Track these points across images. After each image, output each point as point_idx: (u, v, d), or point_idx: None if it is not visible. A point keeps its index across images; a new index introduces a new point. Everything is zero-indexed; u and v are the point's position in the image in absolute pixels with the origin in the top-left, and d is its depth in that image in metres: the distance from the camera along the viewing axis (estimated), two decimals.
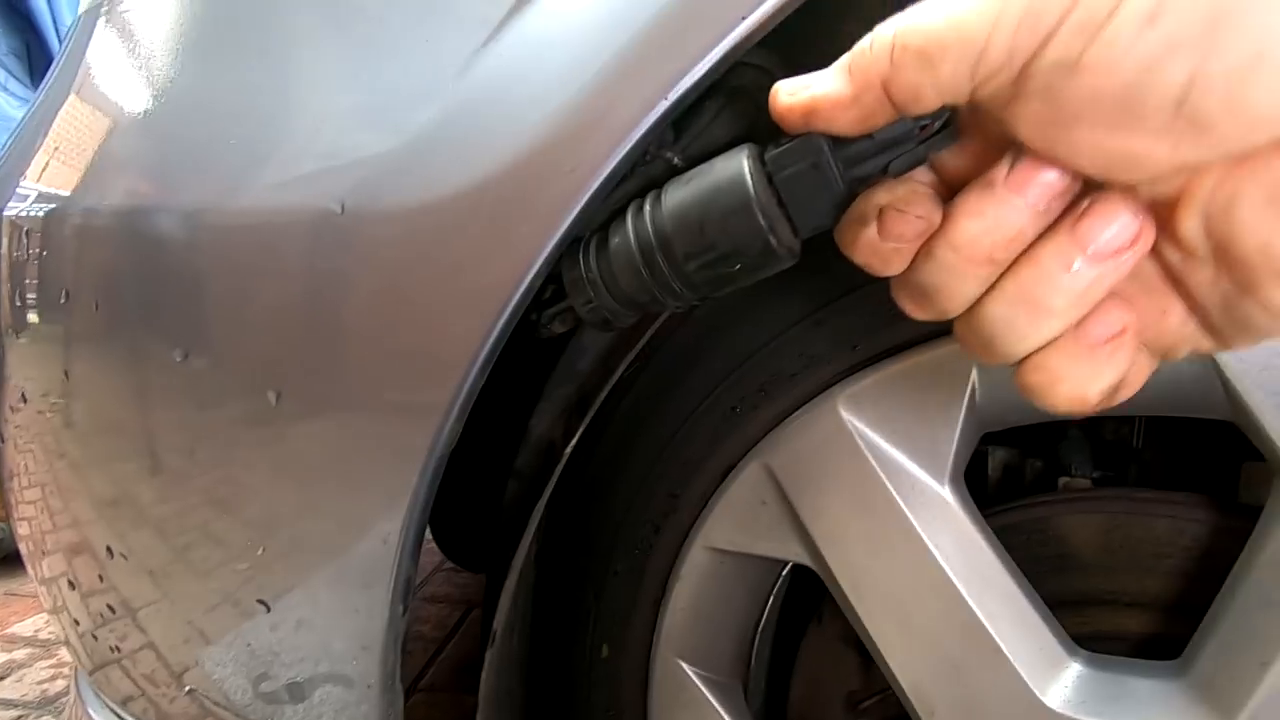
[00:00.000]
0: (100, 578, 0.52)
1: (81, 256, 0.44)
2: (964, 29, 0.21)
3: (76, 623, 0.58)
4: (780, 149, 0.27)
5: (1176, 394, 0.37)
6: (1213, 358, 0.35)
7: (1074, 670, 0.40)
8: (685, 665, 0.53)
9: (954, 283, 0.24)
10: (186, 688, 0.56)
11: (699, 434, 0.49)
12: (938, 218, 0.24)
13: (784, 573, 0.55)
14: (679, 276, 0.29)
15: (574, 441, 0.42)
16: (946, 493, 0.43)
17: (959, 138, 0.25)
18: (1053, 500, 0.48)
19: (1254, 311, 0.22)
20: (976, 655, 0.40)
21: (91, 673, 0.61)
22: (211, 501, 0.46)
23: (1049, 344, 0.24)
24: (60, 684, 1.20)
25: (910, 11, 0.23)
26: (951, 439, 0.42)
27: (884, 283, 0.43)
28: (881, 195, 0.25)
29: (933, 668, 0.42)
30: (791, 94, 0.26)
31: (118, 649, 0.59)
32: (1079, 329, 0.23)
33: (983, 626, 0.40)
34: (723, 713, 0.53)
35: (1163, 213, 0.22)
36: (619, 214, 0.32)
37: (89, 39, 0.46)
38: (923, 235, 0.25)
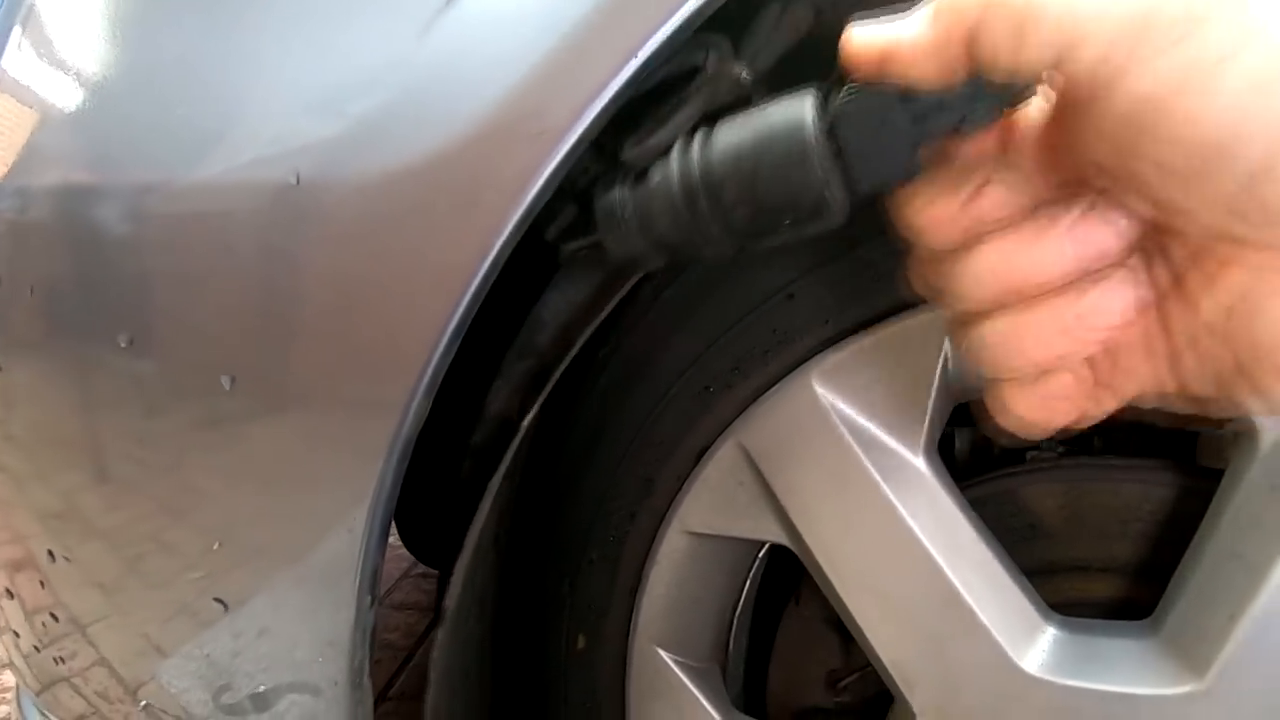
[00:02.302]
0: (42, 583, 0.49)
1: (15, 240, 0.41)
2: (1069, 16, 0.20)
3: (18, 636, 0.55)
4: (846, 98, 0.25)
5: None
6: None
7: (1049, 635, 0.40)
8: (663, 653, 0.53)
9: (972, 287, 0.24)
10: (142, 703, 0.53)
11: (672, 415, 0.49)
12: (1025, 216, 0.23)
13: (761, 554, 0.55)
14: (721, 223, 0.27)
15: (531, 415, 0.41)
16: (921, 464, 0.43)
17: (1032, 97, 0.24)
18: (1020, 472, 0.49)
19: (1242, 392, 0.22)
20: (955, 625, 0.40)
21: (39, 693, 0.58)
22: (163, 504, 0.44)
23: (1010, 380, 0.24)
24: (2, 710, 1.14)
25: None
26: (925, 410, 0.42)
27: (854, 255, 0.43)
28: (994, 171, 0.24)
29: (912, 640, 0.42)
30: (868, 37, 0.24)
31: (65, 664, 0.56)
32: (1036, 381, 0.24)
33: (960, 596, 0.40)
34: (702, 699, 0.52)
35: (1190, 281, 0.22)
36: (664, 152, 0.29)
37: (22, 8, 0.44)
38: (1001, 223, 0.23)
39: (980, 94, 0.23)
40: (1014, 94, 0.23)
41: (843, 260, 0.42)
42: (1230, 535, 0.35)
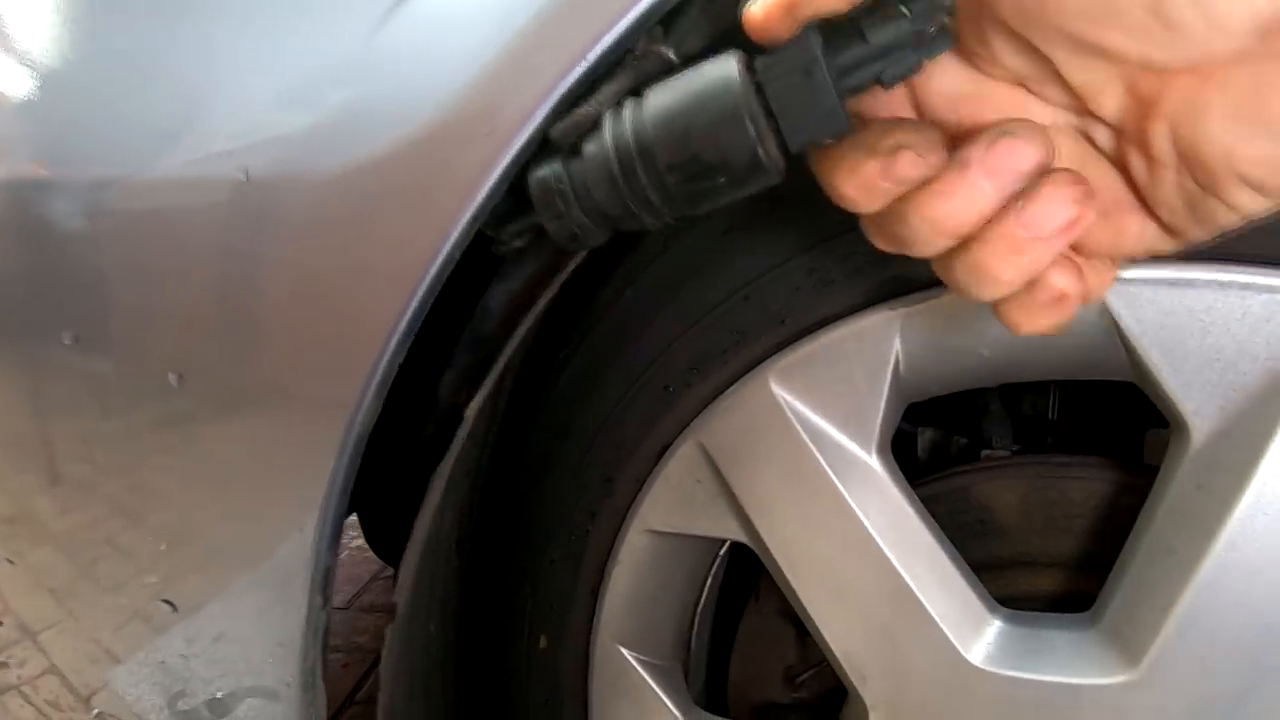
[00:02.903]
0: None
1: None
2: None
3: None
4: (771, 55, 0.25)
5: (1081, 357, 0.39)
6: (1114, 322, 0.36)
7: (995, 627, 0.41)
8: (625, 651, 0.53)
9: (921, 243, 0.25)
10: (95, 711, 0.52)
11: (633, 415, 0.49)
12: (943, 166, 0.24)
13: (721, 552, 0.55)
14: (658, 188, 0.27)
15: (476, 403, 0.41)
16: (874, 462, 0.43)
17: (955, 43, 0.25)
18: (973, 470, 0.50)
19: (1217, 209, 0.23)
20: (905, 619, 0.41)
21: None
22: (116, 507, 0.43)
23: (1006, 299, 0.26)
24: None
25: None
26: (878, 409, 0.43)
27: (809, 255, 0.44)
28: (902, 134, 0.25)
29: (864, 634, 0.43)
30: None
31: (15, 672, 0.54)
32: (1028, 292, 0.25)
33: (910, 590, 0.41)
34: (664, 697, 0.52)
35: (1132, 126, 0.23)
36: (593, 127, 0.29)
37: None
38: (922, 180, 0.25)
39: (899, 43, 0.24)
40: (929, 40, 0.24)
41: (797, 262, 0.43)
42: (1163, 530, 0.36)
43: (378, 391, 0.34)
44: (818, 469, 0.43)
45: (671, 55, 0.30)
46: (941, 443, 0.64)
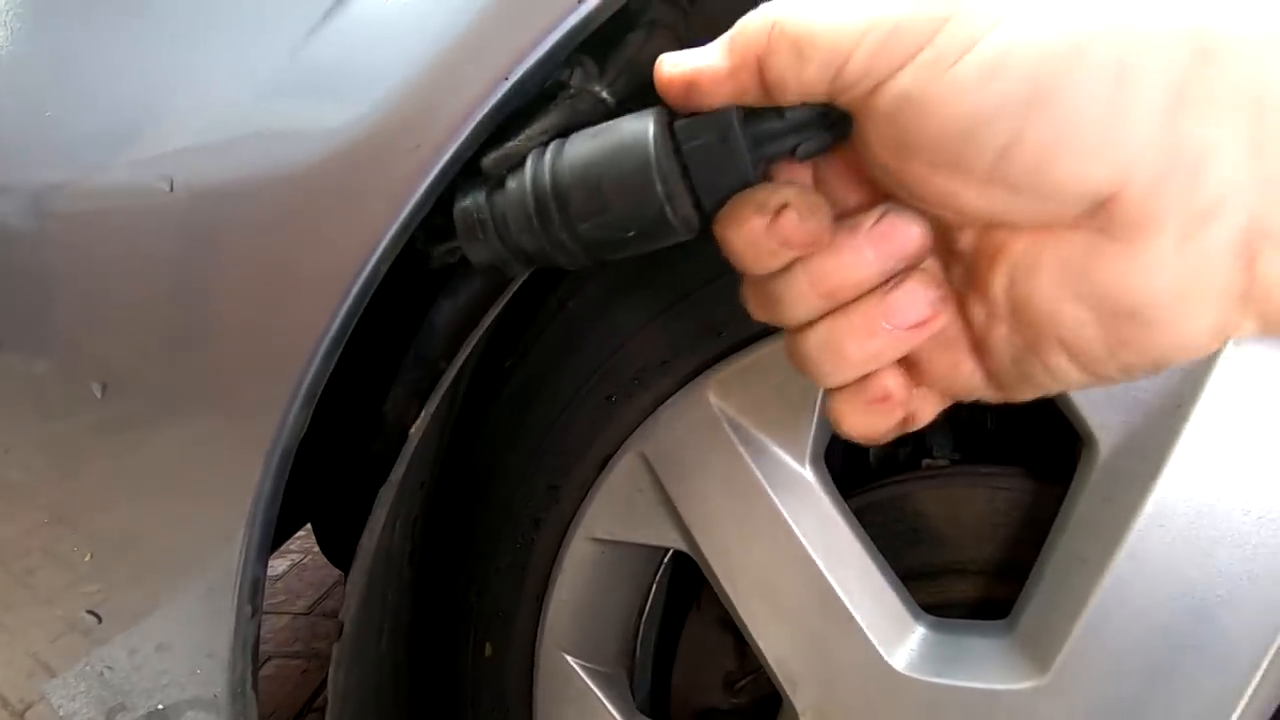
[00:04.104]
0: None
1: None
2: (835, 36, 0.22)
3: None
4: (690, 119, 0.26)
5: None
6: None
7: (919, 634, 0.42)
8: (570, 658, 0.53)
9: (795, 303, 0.26)
10: None
11: (577, 424, 0.50)
12: (827, 239, 0.25)
13: (664, 560, 0.56)
14: (571, 234, 0.28)
15: (421, 421, 0.41)
16: (807, 473, 0.44)
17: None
18: (907, 479, 0.51)
19: (1036, 370, 0.24)
20: (833, 626, 0.42)
21: None
22: (48, 515, 0.43)
23: (839, 388, 0.27)
24: None
25: (798, 1, 0.24)
26: (811, 420, 0.44)
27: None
28: (788, 193, 0.25)
29: (795, 641, 0.44)
30: (674, 65, 0.26)
31: None
32: (859, 387, 0.26)
33: (838, 598, 0.42)
34: (608, 704, 0.53)
35: (978, 270, 0.25)
36: (520, 161, 0.29)
37: None
38: (804, 248, 0.25)
39: (811, 123, 0.25)
40: (840, 125, 0.25)
41: (735, 275, 0.44)
42: (1073, 540, 0.38)
43: (306, 401, 0.34)
44: (752, 479, 0.44)
45: (605, 95, 0.30)
46: (890, 452, 0.66)
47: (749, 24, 0.24)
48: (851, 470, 0.60)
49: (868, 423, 0.27)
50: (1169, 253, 0.20)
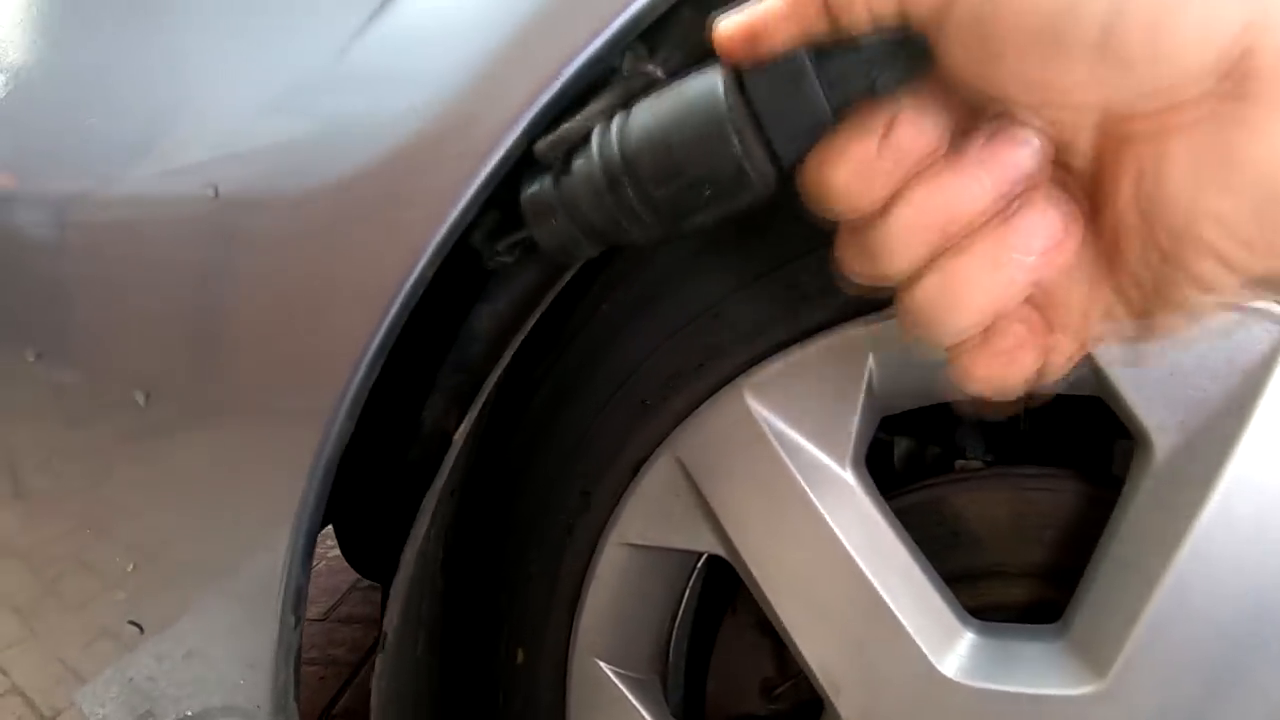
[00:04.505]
0: None
1: None
2: None
3: None
4: (759, 69, 0.25)
5: None
6: None
7: (968, 639, 0.41)
8: (603, 664, 0.53)
9: (901, 245, 0.23)
10: None
11: (610, 429, 0.49)
12: (944, 146, 0.23)
13: (699, 565, 0.55)
14: (645, 202, 0.27)
15: (463, 428, 0.41)
16: (849, 475, 0.44)
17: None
18: (945, 482, 0.50)
19: (1181, 284, 0.21)
20: (878, 631, 0.42)
21: None
22: (81, 523, 0.42)
23: (964, 343, 0.24)
24: None
25: None
26: (852, 422, 0.43)
27: (783, 271, 0.44)
28: (895, 105, 0.23)
29: (838, 646, 0.43)
30: (731, 21, 0.24)
31: None
32: (985, 338, 0.24)
33: (884, 603, 0.42)
34: (642, 710, 0.52)
35: (1101, 181, 0.22)
36: (575, 145, 0.28)
37: None
38: (922, 162, 0.23)
39: (889, 54, 0.23)
40: (920, 54, 0.23)
41: (772, 278, 0.44)
42: (1128, 543, 0.37)
43: (350, 410, 0.33)
44: (792, 483, 0.43)
45: (659, 73, 0.29)
46: (916, 453, 0.65)
47: None
48: (877, 473, 0.59)
49: (1001, 373, 0.24)
50: None
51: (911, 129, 0.23)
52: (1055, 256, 0.22)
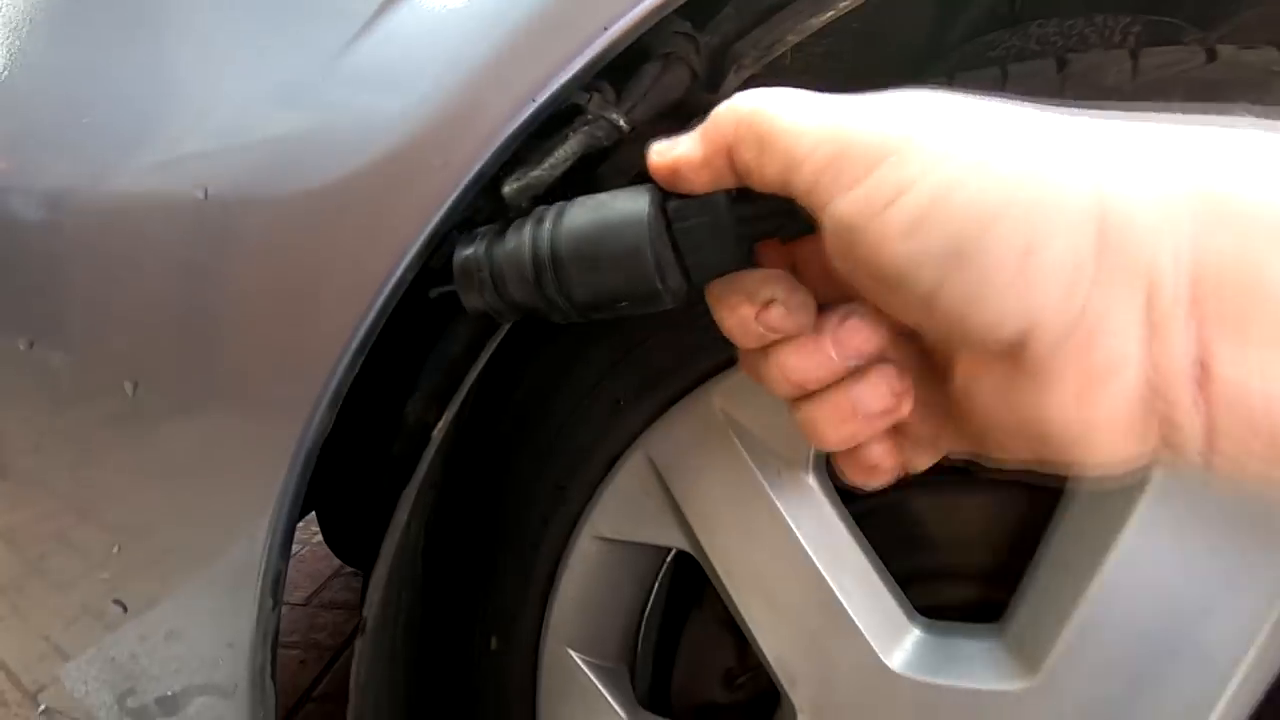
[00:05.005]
0: None
1: None
2: (791, 141, 0.24)
3: None
4: (682, 200, 0.28)
5: None
6: None
7: (914, 635, 0.44)
8: (574, 654, 0.55)
9: (772, 385, 0.29)
10: (42, 707, 0.52)
11: (586, 426, 0.51)
12: (809, 332, 0.28)
13: (667, 560, 0.57)
14: (566, 298, 0.30)
15: (443, 424, 0.43)
16: (810, 478, 0.46)
17: None
18: (905, 487, 0.53)
19: (991, 456, 0.27)
20: (831, 626, 0.44)
21: None
22: (67, 504, 0.44)
23: (838, 453, 0.29)
24: None
25: (769, 97, 0.25)
26: None
27: None
28: (777, 289, 0.27)
29: (794, 640, 0.45)
30: (660, 154, 0.28)
31: None
32: (851, 454, 0.29)
33: (837, 600, 0.44)
34: (610, 699, 0.54)
35: (941, 364, 0.27)
36: (520, 216, 0.31)
37: None
38: (788, 333, 0.28)
39: (795, 209, 0.27)
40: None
41: None
42: (1062, 547, 0.39)
43: (330, 404, 0.35)
44: (756, 484, 0.46)
45: (622, 122, 0.32)
46: None
47: (720, 115, 0.27)
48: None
49: (864, 479, 0.29)
50: (1070, 402, 0.22)
51: (781, 312, 0.27)
52: (890, 417, 0.27)
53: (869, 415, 0.27)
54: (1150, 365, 0.21)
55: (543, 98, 0.31)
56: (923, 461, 0.30)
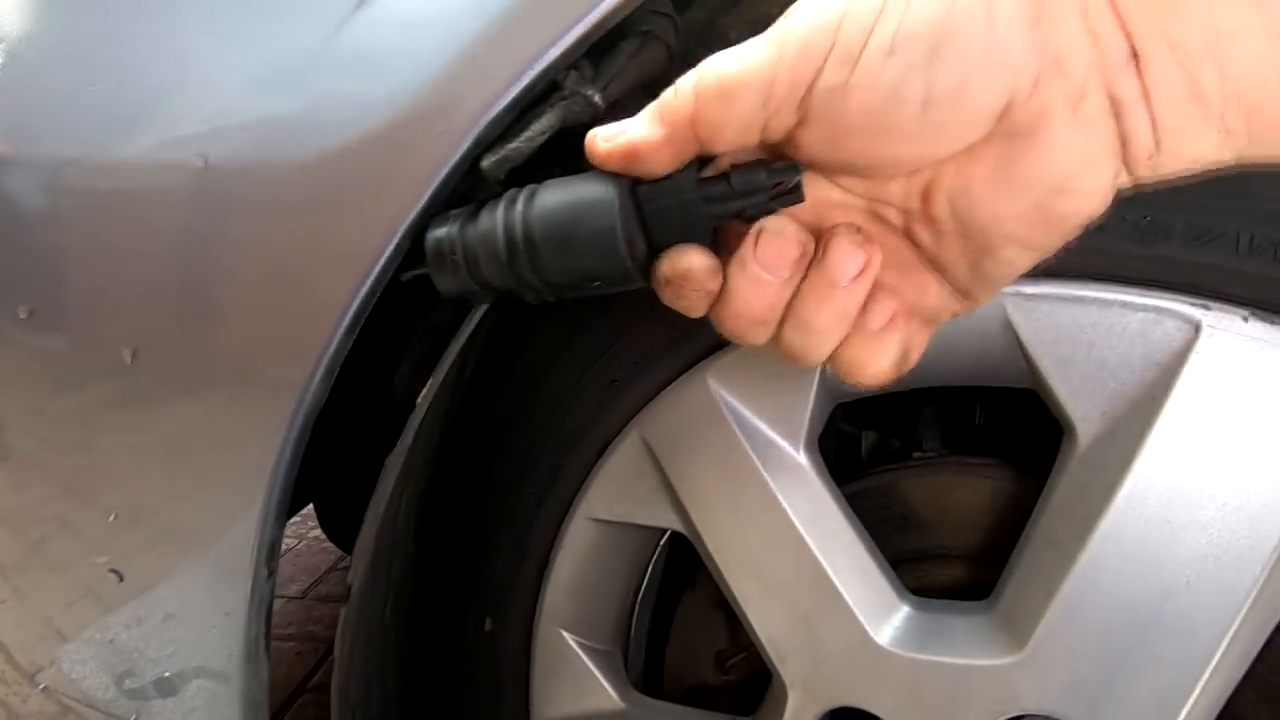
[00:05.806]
0: None
1: None
2: (755, 67, 0.26)
3: None
4: (650, 183, 0.29)
5: (986, 365, 0.42)
6: (1014, 333, 0.40)
7: (903, 612, 0.44)
8: (567, 635, 0.55)
9: (745, 335, 0.30)
10: (41, 686, 0.53)
11: (581, 407, 0.51)
12: (716, 288, 0.29)
13: (661, 542, 0.58)
14: (538, 277, 0.31)
15: (428, 390, 0.43)
16: (802, 458, 0.46)
17: (805, 200, 0.29)
18: (896, 469, 0.53)
19: (990, 268, 0.28)
20: (822, 604, 0.44)
21: None
22: (66, 483, 0.44)
23: (840, 344, 0.30)
24: None
25: (706, 62, 0.27)
26: (806, 408, 0.46)
27: None
28: (691, 260, 0.29)
29: (785, 618, 0.46)
30: (608, 140, 0.29)
31: None
32: (859, 324, 0.29)
33: (828, 578, 0.44)
34: (603, 680, 0.55)
35: (918, 202, 0.28)
36: (493, 198, 0.32)
37: None
38: (706, 302, 0.30)
39: (760, 187, 0.28)
40: (786, 190, 0.28)
41: None
42: (1050, 524, 0.40)
43: (327, 372, 0.35)
44: (749, 464, 0.46)
45: (597, 99, 0.33)
46: (880, 445, 0.68)
47: (677, 90, 0.28)
48: (845, 463, 0.62)
49: (878, 359, 0.30)
50: (1066, 130, 0.25)
51: (684, 292, 0.30)
52: (868, 274, 0.29)
53: (851, 280, 0.28)
54: (1101, 71, 0.24)
55: (532, 74, 0.32)
56: (921, 339, 0.30)
